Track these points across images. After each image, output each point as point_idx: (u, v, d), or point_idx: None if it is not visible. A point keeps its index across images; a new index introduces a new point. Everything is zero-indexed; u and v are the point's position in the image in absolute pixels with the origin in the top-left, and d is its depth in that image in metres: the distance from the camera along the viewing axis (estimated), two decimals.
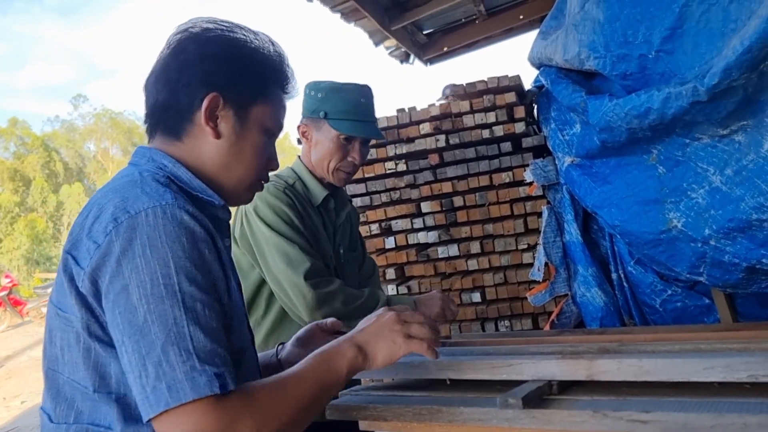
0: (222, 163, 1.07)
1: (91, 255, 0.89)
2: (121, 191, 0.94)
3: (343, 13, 3.80)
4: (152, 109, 1.08)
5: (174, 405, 0.81)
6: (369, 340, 1.08)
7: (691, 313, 2.35)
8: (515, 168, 2.68)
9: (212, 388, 0.82)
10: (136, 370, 0.84)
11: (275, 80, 1.13)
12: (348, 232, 2.06)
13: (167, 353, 0.82)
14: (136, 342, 0.84)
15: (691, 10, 1.78)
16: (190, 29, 1.08)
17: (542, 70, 2.54)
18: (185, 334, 0.84)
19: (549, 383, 1.21)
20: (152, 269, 0.86)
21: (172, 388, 0.81)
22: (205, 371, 0.82)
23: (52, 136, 41.48)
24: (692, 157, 1.95)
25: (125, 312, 0.85)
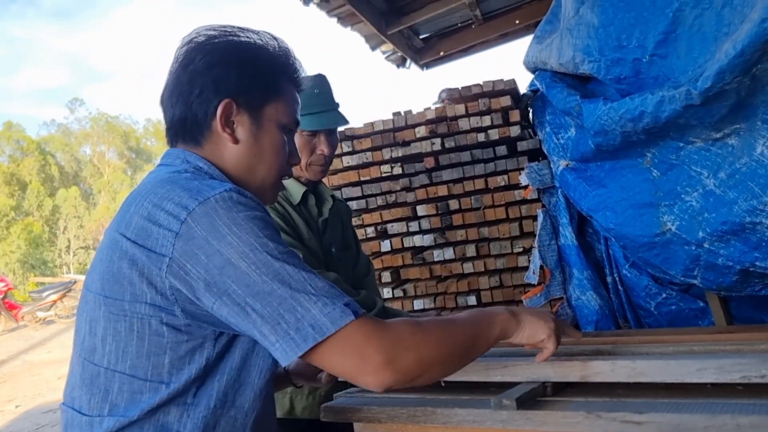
0: (244, 166, 1.10)
1: (171, 242, 0.91)
2: (178, 182, 0.98)
3: (340, 17, 3.81)
4: (171, 123, 1.11)
5: (321, 338, 0.88)
6: (525, 316, 1.13)
7: (685, 316, 2.35)
8: (510, 171, 2.69)
9: (347, 317, 0.89)
10: (272, 321, 0.89)
11: (284, 75, 1.14)
12: (339, 229, 2.02)
13: (298, 300, 0.89)
14: (263, 299, 0.89)
15: (684, 14, 1.79)
16: (194, 39, 1.10)
17: (537, 74, 2.55)
18: (303, 282, 0.90)
19: (543, 385, 1.22)
20: (246, 241, 0.90)
21: (315, 326, 0.88)
22: (336, 305, 0.90)
23: (48, 140, 41.40)
24: (686, 160, 1.96)
25: (239, 280, 0.89)
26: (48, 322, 13.15)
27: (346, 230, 2.08)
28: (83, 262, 36.03)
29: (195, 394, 0.97)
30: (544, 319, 1.14)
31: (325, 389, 1.84)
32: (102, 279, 0.98)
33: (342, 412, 1.36)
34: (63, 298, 13.16)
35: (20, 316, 12.94)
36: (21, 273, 30.33)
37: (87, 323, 0.99)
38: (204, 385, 0.97)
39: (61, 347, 10.09)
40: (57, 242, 36.67)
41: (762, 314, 2.22)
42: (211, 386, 0.98)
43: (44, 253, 33.69)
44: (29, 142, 38.16)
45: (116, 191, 40.31)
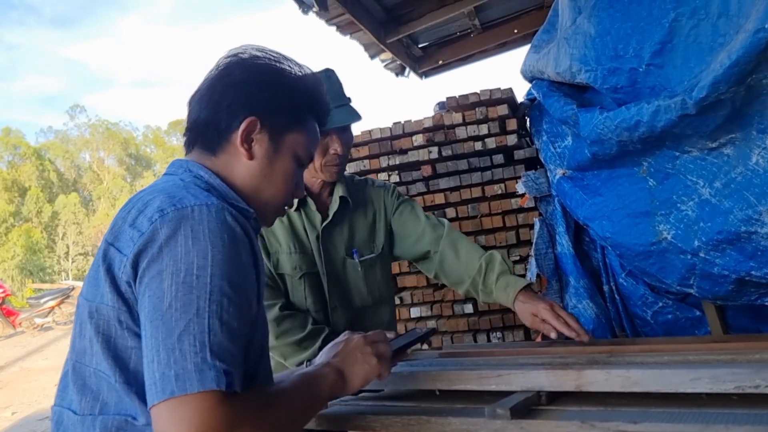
0: (252, 184, 1.11)
1: (135, 242, 0.91)
2: (168, 190, 0.98)
3: (339, 26, 3.83)
4: (193, 124, 1.13)
5: (179, 394, 0.81)
6: (346, 365, 1.12)
7: (682, 326, 2.35)
8: (507, 180, 2.70)
9: (219, 384, 0.82)
10: (150, 354, 0.84)
11: (312, 111, 1.18)
12: (353, 233, 1.88)
13: (182, 342, 0.83)
14: (156, 327, 0.85)
15: (680, 24, 1.80)
16: (239, 54, 1.14)
17: (534, 83, 2.56)
18: (204, 326, 0.84)
19: (538, 394, 1.21)
20: (190, 259, 0.87)
21: (179, 377, 0.81)
22: (215, 366, 0.83)
23: (48, 146, 41.43)
24: (682, 169, 1.96)
25: (153, 296, 0.87)
26: (46, 329, 13.12)
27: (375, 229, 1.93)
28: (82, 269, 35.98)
29: None
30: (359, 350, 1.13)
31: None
32: (88, 284, 1.00)
33: (336, 420, 1.35)
34: (61, 304, 13.12)
35: (18, 323, 12.90)
36: (19, 279, 30.27)
37: (78, 326, 1.02)
38: None
39: (59, 354, 10.06)
40: (56, 248, 36.63)
41: (758, 323, 2.22)
42: None
43: (43, 259, 33.63)
44: (26, 147, 38.16)
45: (115, 198, 40.32)
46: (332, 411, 1.40)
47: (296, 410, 0.98)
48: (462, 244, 1.86)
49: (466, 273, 1.82)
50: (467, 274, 1.81)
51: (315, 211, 1.83)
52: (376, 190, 1.97)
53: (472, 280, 1.80)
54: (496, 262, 1.77)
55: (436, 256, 1.89)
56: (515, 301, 1.68)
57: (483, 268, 1.77)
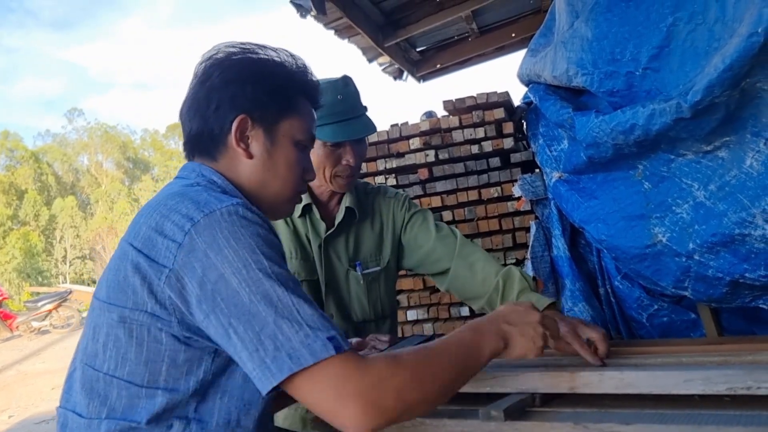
0: (258, 181, 1.11)
1: (173, 253, 0.92)
2: (189, 195, 0.98)
3: (337, 30, 3.84)
4: (188, 137, 1.13)
5: (297, 369, 0.85)
6: (514, 334, 1.09)
7: (677, 328, 2.36)
8: (504, 183, 2.70)
9: (328, 351, 0.86)
10: (251, 346, 0.87)
11: (301, 92, 1.16)
12: (359, 245, 1.83)
13: (280, 326, 0.87)
14: (247, 322, 0.88)
15: (678, 29, 1.81)
16: (214, 56, 1.12)
17: (531, 87, 2.57)
18: (290, 307, 0.88)
19: (532, 396, 1.22)
20: (242, 257, 0.90)
21: (292, 356, 0.85)
22: (318, 337, 0.86)
23: (46, 149, 41.40)
24: (677, 172, 1.97)
25: (228, 298, 0.89)
26: (43, 332, 13.10)
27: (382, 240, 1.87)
28: (79, 272, 35.92)
29: (196, 409, 0.97)
30: (533, 326, 1.11)
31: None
32: (108, 287, 0.99)
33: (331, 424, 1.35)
34: (58, 308, 13.11)
35: (15, 326, 12.89)
36: (17, 282, 30.21)
37: (91, 329, 1.01)
38: (205, 401, 0.98)
39: (56, 357, 10.05)
40: (53, 252, 36.57)
41: (753, 326, 2.23)
42: (213, 403, 0.98)
43: (40, 262, 33.57)
44: (25, 151, 38.13)
45: (113, 201, 40.27)
46: None
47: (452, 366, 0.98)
48: (477, 258, 1.76)
49: (482, 289, 1.71)
50: (483, 291, 1.71)
51: (319, 219, 1.79)
52: (387, 200, 1.90)
53: (488, 297, 1.70)
54: (515, 278, 1.66)
55: (448, 272, 1.80)
56: None
57: (500, 285, 1.66)
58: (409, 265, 1.92)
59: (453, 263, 1.78)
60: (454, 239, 1.81)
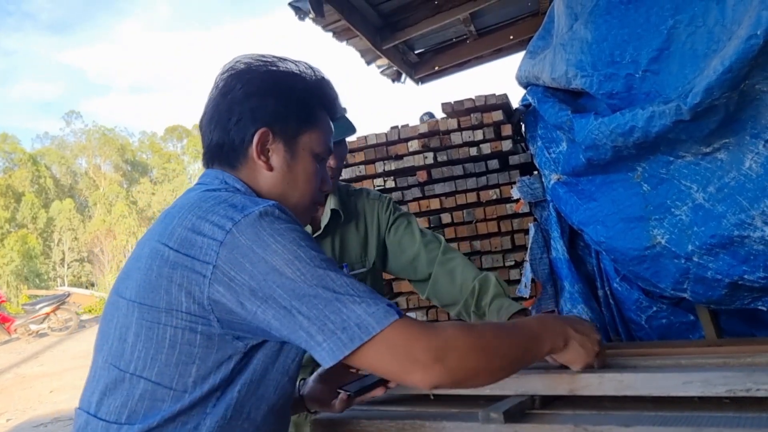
0: (278, 192, 1.12)
1: (216, 251, 0.93)
2: (223, 198, 1.00)
3: (335, 32, 3.84)
4: (208, 147, 1.14)
5: (366, 338, 0.89)
6: (575, 341, 1.13)
7: (676, 330, 2.36)
8: (502, 185, 2.70)
9: (392, 315, 0.91)
10: (319, 322, 0.90)
11: (320, 105, 1.17)
12: (344, 247, 1.84)
13: (343, 302, 0.91)
14: (309, 302, 0.91)
15: (678, 32, 1.81)
16: (234, 67, 1.13)
17: (529, 89, 2.57)
18: (346, 286, 0.92)
19: (531, 398, 1.22)
20: (290, 249, 0.93)
21: (361, 326, 0.90)
22: (379, 305, 0.91)
23: (44, 152, 41.36)
24: (676, 174, 1.97)
25: (285, 285, 0.91)
26: (41, 335, 13.08)
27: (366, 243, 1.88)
28: (77, 275, 35.85)
29: (215, 404, 0.98)
30: (591, 342, 1.15)
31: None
32: (139, 287, 0.99)
33: (331, 425, 1.35)
34: (56, 310, 13.09)
35: (13, 329, 12.87)
36: (14, 285, 30.16)
37: (117, 329, 1.00)
38: (224, 395, 0.99)
39: (54, 360, 10.03)
40: (51, 255, 36.52)
41: (751, 327, 2.23)
42: (230, 396, 0.99)
43: (38, 265, 33.52)
44: (23, 153, 38.09)
45: (112, 204, 40.22)
46: (326, 416, 1.40)
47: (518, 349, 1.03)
48: (456, 264, 1.79)
49: (460, 295, 1.75)
50: (461, 296, 1.75)
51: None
52: (371, 202, 1.92)
53: (464, 302, 1.74)
54: (490, 284, 1.71)
55: (429, 279, 1.83)
56: None
57: (476, 290, 1.71)
58: (392, 269, 1.93)
59: (434, 270, 1.81)
60: (438, 245, 1.84)
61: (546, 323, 1.12)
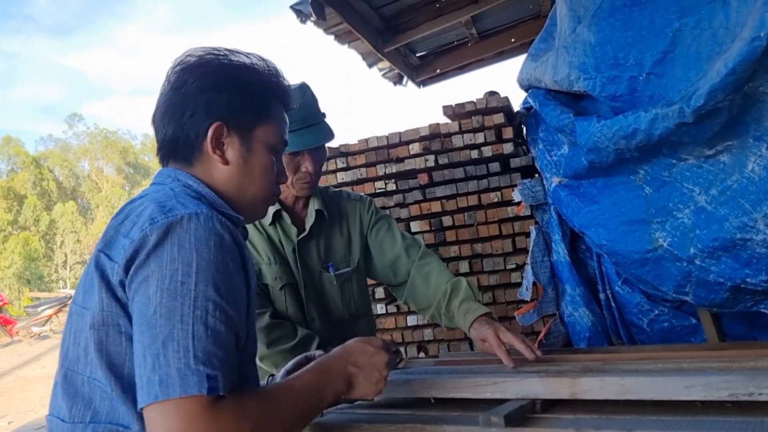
0: (234, 186, 1.11)
1: (125, 249, 0.93)
2: (159, 200, 0.99)
3: (337, 35, 3.84)
4: (162, 143, 1.13)
5: (162, 399, 0.83)
6: (360, 380, 1.11)
7: (678, 333, 2.35)
8: (503, 188, 2.70)
9: (201, 388, 0.83)
10: (138, 359, 0.87)
11: (274, 97, 1.17)
12: (329, 247, 1.87)
13: (167, 347, 0.85)
14: (142, 332, 0.87)
15: (683, 35, 1.81)
16: (186, 60, 1.12)
17: (531, 92, 2.57)
18: (188, 331, 0.86)
19: (532, 402, 1.21)
20: (175, 267, 0.89)
21: (163, 382, 0.83)
22: (198, 371, 0.84)
23: (47, 155, 41.46)
24: (678, 177, 1.97)
25: (140, 302, 0.89)
26: (43, 337, 13.07)
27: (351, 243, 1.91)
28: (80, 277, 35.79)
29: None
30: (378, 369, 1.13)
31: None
32: (84, 292, 1.00)
33: (331, 428, 1.34)
34: (58, 313, 13.09)
35: (15, 331, 12.87)
36: (17, 288, 30.19)
37: (72, 334, 1.01)
38: None
39: (56, 363, 10.01)
40: (54, 257, 36.57)
41: (754, 331, 2.22)
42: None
43: (41, 267, 33.56)
44: (26, 156, 38.18)
45: (114, 206, 40.25)
46: (327, 419, 1.39)
47: (297, 411, 0.99)
48: (432, 269, 1.84)
49: (433, 299, 1.80)
50: (434, 300, 1.80)
51: (290, 225, 1.82)
52: (353, 203, 1.95)
53: (437, 304, 1.79)
54: (461, 288, 1.75)
55: (406, 283, 1.89)
56: (470, 328, 1.66)
57: (447, 293, 1.76)
58: (373, 272, 1.97)
59: (411, 274, 1.86)
60: (417, 249, 1.89)
61: (325, 369, 1.08)
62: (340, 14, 3.40)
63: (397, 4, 3.82)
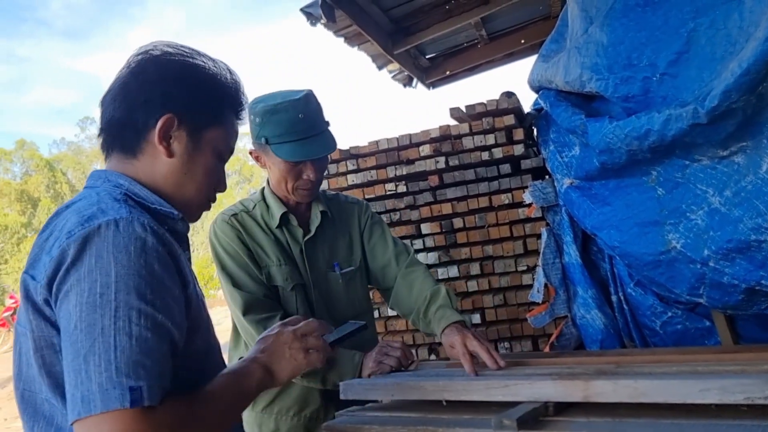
0: (174, 181, 1.10)
1: (46, 267, 0.91)
2: (79, 210, 0.97)
3: (347, 37, 3.85)
4: (107, 125, 1.11)
5: (84, 415, 0.82)
6: (273, 361, 1.13)
7: (691, 336, 2.33)
8: (514, 190, 2.69)
9: (123, 402, 0.82)
10: (66, 376, 0.86)
11: (230, 106, 1.17)
12: (334, 247, 1.92)
13: (88, 363, 0.83)
14: (66, 349, 0.86)
15: (698, 35, 1.80)
16: (151, 51, 1.11)
17: (541, 93, 2.56)
18: (110, 344, 0.84)
19: (545, 404, 1.20)
20: (93, 278, 0.87)
21: (84, 399, 0.82)
22: (121, 384, 0.83)
23: (60, 158, 41.80)
24: (691, 178, 1.95)
25: (63, 319, 0.88)
26: None
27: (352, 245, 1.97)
28: None
29: None
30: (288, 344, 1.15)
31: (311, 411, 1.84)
32: (19, 312, 1.00)
33: (343, 431, 1.35)
34: None
35: None
36: None
37: (23, 355, 1.00)
38: None
39: None
40: None
41: None
42: None
43: None
44: (38, 159, 38.52)
45: None
46: (339, 422, 1.40)
47: (223, 411, 0.99)
48: (416, 277, 1.91)
49: (414, 305, 1.87)
50: (415, 306, 1.87)
51: (297, 227, 1.87)
52: (350, 206, 2.01)
53: (416, 310, 1.86)
54: (440, 295, 1.82)
55: (392, 290, 1.96)
56: (442, 334, 1.72)
57: (427, 299, 1.83)
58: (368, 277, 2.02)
59: (397, 281, 1.94)
60: (406, 257, 1.97)
61: (238, 371, 1.08)
62: (350, 17, 3.40)
63: (407, 6, 3.81)
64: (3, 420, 7.03)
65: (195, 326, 1.03)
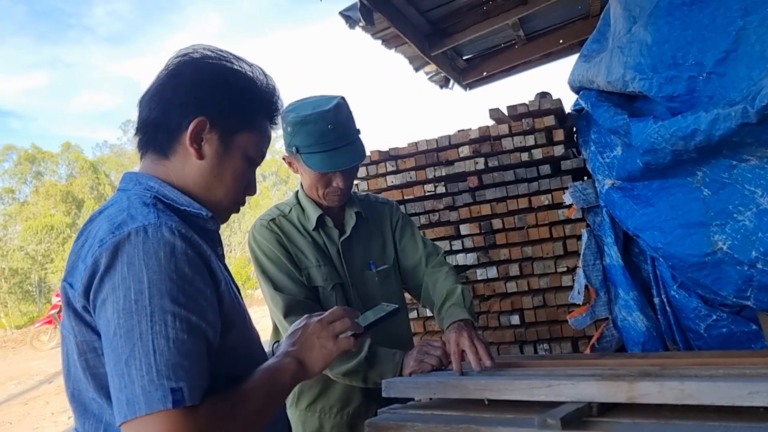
0: (203, 183, 1.13)
1: (82, 276, 0.95)
2: (109, 218, 1.00)
3: (384, 39, 3.88)
4: (143, 124, 1.14)
5: (131, 418, 0.86)
6: (304, 352, 1.15)
7: (737, 339, 2.27)
8: (554, 191, 2.67)
9: (165, 403, 0.86)
10: (110, 381, 0.90)
11: (264, 112, 1.19)
12: (368, 246, 1.98)
13: (129, 367, 0.87)
14: (108, 355, 0.91)
15: (747, 32, 1.76)
16: (190, 54, 1.14)
17: (582, 94, 2.54)
18: (149, 348, 0.88)
19: (589, 405, 1.20)
20: (127, 285, 0.90)
21: (129, 402, 0.86)
22: (162, 386, 0.86)
23: (104, 160, 42.91)
24: (739, 179, 1.91)
25: (103, 326, 0.92)
26: None
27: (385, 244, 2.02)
28: None
29: None
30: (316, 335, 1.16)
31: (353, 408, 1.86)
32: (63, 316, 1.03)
33: (385, 428, 1.36)
34: None
35: None
36: None
37: (70, 356, 1.04)
38: None
39: None
40: None
41: None
42: None
43: None
44: (83, 161, 39.59)
45: None
46: (381, 419, 1.42)
47: (261, 407, 1.03)
48: (439, 276, 1.98)
49: (435, 302, 1.94)
50: (435, 303, 1.94)
51: (332, 228, 1.92)
52: (381, 206, 2.08)
53: (435, 307, 1.94)
54: (455, 294, 1.89)
55: (420, 287, 2.03)
56: (446, 330, 1.78)
57: (443, 297, 1.90)
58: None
59: (424, 280, 2.01)
60: (435, 257, 2.04)
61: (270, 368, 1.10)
62: (388, 19, 3.43)
63: (445, 7, 3.82)
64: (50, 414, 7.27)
65: (230, 322, 1.06)
